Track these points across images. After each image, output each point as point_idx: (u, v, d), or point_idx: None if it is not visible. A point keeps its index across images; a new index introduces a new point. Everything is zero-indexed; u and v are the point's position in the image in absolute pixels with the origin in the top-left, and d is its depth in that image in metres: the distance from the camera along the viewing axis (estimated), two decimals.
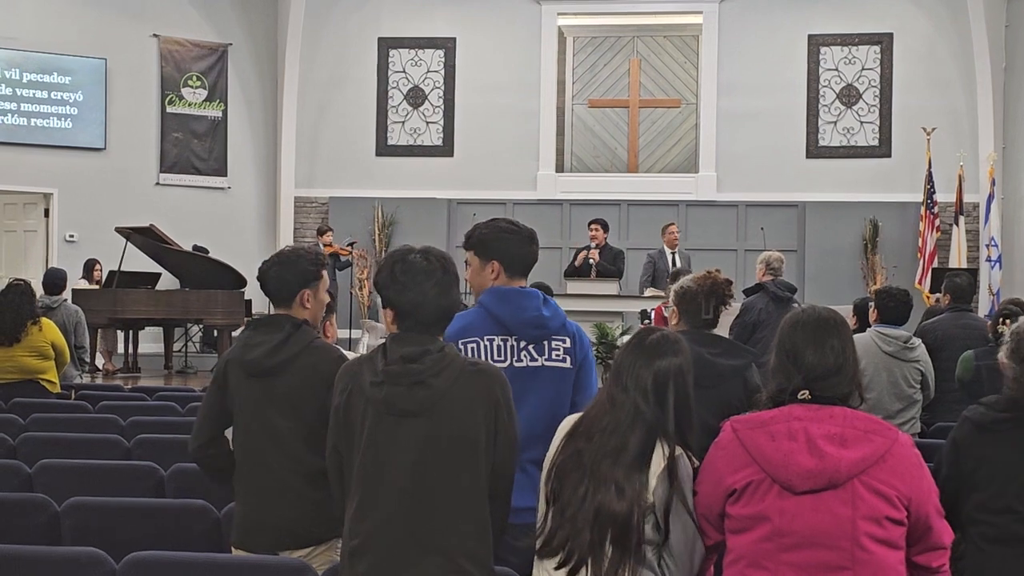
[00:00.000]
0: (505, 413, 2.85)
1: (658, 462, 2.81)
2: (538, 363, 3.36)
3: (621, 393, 2.87)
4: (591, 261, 11.32)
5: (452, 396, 2.78)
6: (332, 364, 3.30)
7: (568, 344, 3.40)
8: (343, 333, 13.49)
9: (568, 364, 3.39)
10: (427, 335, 2.84)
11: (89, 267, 13.27)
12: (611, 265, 11.38)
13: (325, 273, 3.67)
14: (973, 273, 11.96)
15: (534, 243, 3.49)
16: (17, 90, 14.07)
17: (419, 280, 2.83)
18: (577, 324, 3.53)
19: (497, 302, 3.37)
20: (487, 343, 3.35)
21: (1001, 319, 5.74)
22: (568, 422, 2.97)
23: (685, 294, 4.06)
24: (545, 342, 3.38)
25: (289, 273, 3.57)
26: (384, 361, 2.80)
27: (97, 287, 13.00)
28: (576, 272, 11.53)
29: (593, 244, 11.43)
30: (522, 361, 3.34)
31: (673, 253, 12.09)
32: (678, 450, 2.84)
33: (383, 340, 2.95)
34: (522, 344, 3.35)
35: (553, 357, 3.38)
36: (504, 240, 3.43)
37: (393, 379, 2.77)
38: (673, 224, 12.35)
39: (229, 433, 3.60)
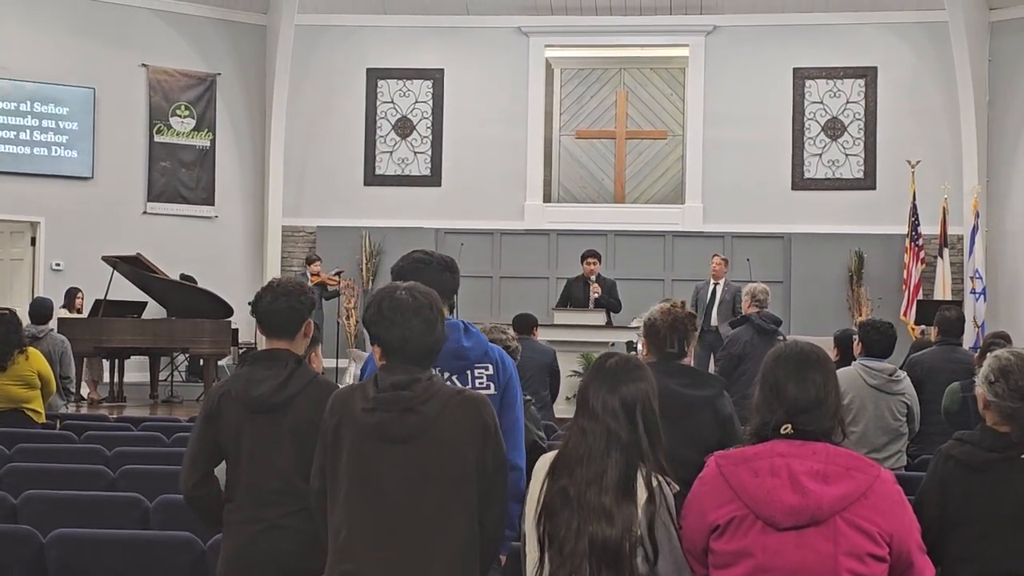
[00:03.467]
0: (494, 437, 2.91)
1: (641, 494, 2.83)
2: None
3: (591, 421, 2.89)
4: (595, 295, 11.33)
5: (441, 422, 2.84)
6: None
7: (491, 371, 3.46)
8: (330, 363, 13.47)
9: (492, 390, 3.44)
10: (416, 366, 2.90)
11: (71, 296, 13.18)
12: (611, 298, 11.39)
13: None
14: (958, 305, 12.01)
15: (448, 271, 3.52)
16: (5, 118, 14.08)
17: (407, 316, 2.90)
18: (500, 349, 3.59)
19: None
20: None
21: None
22: (545, 461, 2.98)
23: (651, 327, 4.08)
24: (468, 372, 3.43)
25: (298, 302, 3.57)
26: (376, 388, 2.86)
27: (79, 316, 12.94)
28: (572, 306, 11.48)
29: (593, 278, 11.44)
30: None
31: (716, 285, 12.06)
32: (658, 478, 2.86)
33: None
34: (445, 375, 3.39)
35: (477, 386, 3.42)
36: (417, 272, 3.45)
37: (384, 406, 2.84)
38: (715, 256, 12.34)
39: (218, 469, 3.57)
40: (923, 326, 12.37)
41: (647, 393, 2.93)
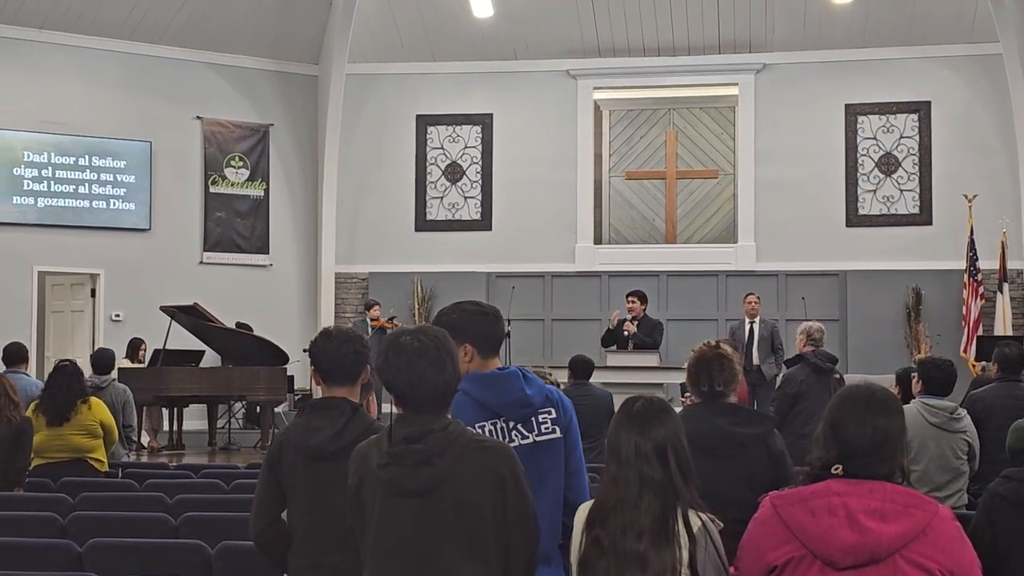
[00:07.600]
0: (513, 487, 2.85)
1: (685, 534, 2.81)
2: (530, 440, 3.37)
3: (622, 467, 2.88)
4: (626, 333, 11.34)
5: (457, 473, 2.80)
6: None
7: (554, 415, 3.43)
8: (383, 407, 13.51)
9: (558, 433, 3.42)
10: (430, 414, 2.87)
11: (134, 347, 13.39)
12: (647, 337, 11.38)
13: None
14: (1020, 340, 11.80)
15: (500, 320, 3.52)
16: (65, 173, 14.39)
17: (413, 361, 2.86)
18: (559, 391, 3.56)
19: (481, 388, 3.38)
20: (478, 430, 3.33)
21: None
22: (583, 511, 2.97)
23: (688, 368, 4.07)
24: (533, 419, 3.40)
25: (362, 347, 3.61)
26: (388, 443, 2.85)
27: (140, 366, 13.12)
28: (613, 339, 11.53)
29: (630, 316, 11.46)
30: (514, 441, 3.35)
31: (752, 323, 12.02)
32: (702, 517, 2.84)
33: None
34: (511, 424, 3.38)
35: (543, 431, 3.40)
36: (476, 321, 3.45)
37: (398, 460, 2.81)
38: (751, 294, 12.29)
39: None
40: (984, 362, 12.17)
41: (676, 433, 2.92)
